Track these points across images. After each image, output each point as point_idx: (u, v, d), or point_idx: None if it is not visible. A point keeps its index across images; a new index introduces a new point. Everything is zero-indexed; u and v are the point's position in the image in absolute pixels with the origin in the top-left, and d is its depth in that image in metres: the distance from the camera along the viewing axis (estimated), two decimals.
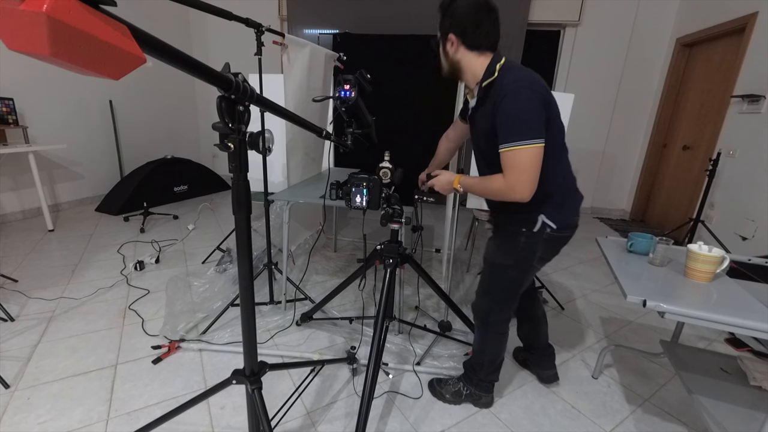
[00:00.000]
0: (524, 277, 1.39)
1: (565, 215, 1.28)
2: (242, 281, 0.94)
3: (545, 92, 1.11)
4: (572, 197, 1.31)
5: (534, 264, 1.35)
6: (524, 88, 1.09)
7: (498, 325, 1.46)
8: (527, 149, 1.07)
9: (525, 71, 1.15)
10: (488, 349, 1.50)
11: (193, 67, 0.64)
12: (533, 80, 1.11)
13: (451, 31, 1.19)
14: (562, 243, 1.34)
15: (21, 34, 0.41)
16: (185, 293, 2.31)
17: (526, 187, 1.10)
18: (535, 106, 1.08)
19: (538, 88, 1.10)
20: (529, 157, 1.08)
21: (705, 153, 3.56)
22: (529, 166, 1.09)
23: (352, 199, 1.38)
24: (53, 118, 3.67)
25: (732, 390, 1.40)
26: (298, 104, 2.24)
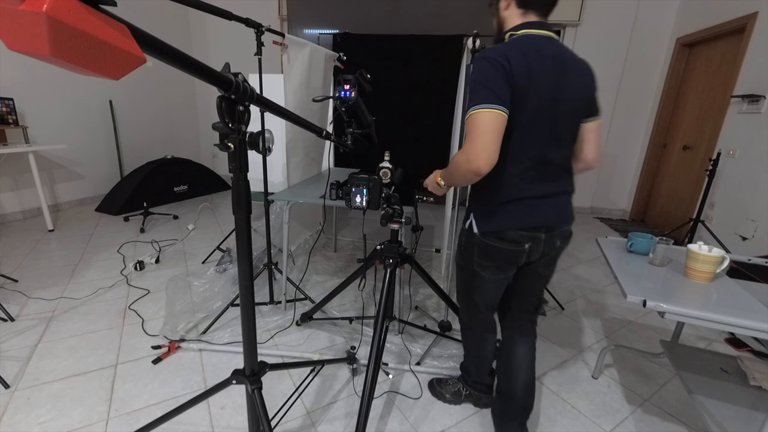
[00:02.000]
0: (472, 283, 1.28)
1: (493, 221, 1.13)
2: (242, 281, 0.94)
3: (509, 59, 0.98)
4: (515, 205, 1.11)
5: (476, 270, 1.22)
6: (482, 57, 1.01)
7: (468, 325, 1.42)
8: (480, 113, 0.96)
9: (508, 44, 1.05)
10: (469, 350, 1.49)
11: (193, 67, 0.64)
12: (499, 51, 1.01)
13: None
14: (498, 254, 1.16)
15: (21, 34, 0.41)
16: (185, 293, 2.31)
17: (478, 154, 0.97)
18: (491, 72, 0.98)
19: (496, 56, 0.99)
20: (482, 121, 0.96)
21: (705, 153, 3.56)
22: (481, 130, 0.97)
23: (352, 199, 1.38)
24: (53, 118, 3.67)
25: (732, 390, 1.40)
26: (298, 104, 2.24)
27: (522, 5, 1.11)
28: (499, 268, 1.20)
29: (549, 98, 1.03)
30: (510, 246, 1.14)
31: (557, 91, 1.04)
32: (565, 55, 1.07)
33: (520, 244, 1.13)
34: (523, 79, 0.99)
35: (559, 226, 1.16)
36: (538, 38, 1.06)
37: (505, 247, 1.14)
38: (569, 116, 1.10)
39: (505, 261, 1.18)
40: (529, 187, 1.10)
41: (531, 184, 1.10)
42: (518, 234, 1.12)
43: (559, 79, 1.04)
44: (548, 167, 1.10)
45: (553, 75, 1.03)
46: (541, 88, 1.02)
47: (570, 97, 1.07)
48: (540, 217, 1.12)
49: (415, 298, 2.41)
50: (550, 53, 1.04)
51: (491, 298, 1.31)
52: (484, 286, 1.27)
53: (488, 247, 1.16)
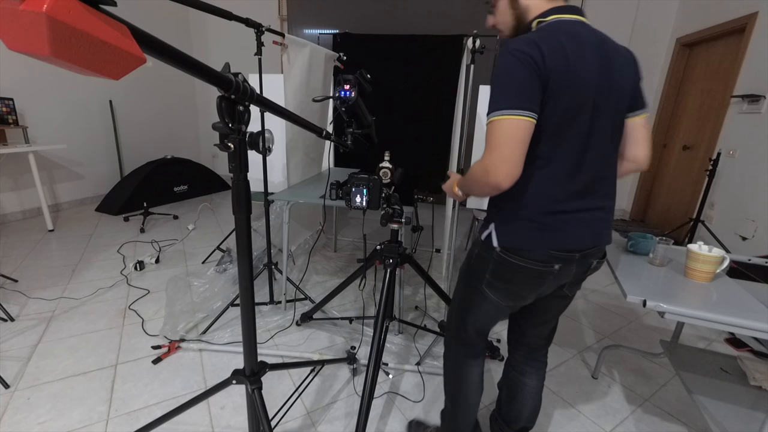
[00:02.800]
0: (470, 301, 1.09)
1: (518, 236, 0.95)
2: (242, 281, 0.94)
3: (544, 53, 0.82)
4: (545, 222, 0.92)
5: (483, 288, 1.03)
6: (509, 52, 0.85)
7: (450, 347, 1.21)
8: (502, 121, 0.82)
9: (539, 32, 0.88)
10: (447, 384, 1.25)
11: (193, 67, 0.64)
12: (528, 40, 0.85)
13: None
14: (523, 277, 0.97)
15: (21, 34, 0.41)
16: (185, 293, 2.31)
17: (497, 166, 0.83)
18: (518, 70, 0.83)
19: (524, 47, 0.83)
20: (504, 129, 0.82)
21: (705, 153, 3.56)
22: (502, 140, 0.83)
23: (352, 199, 1.38)
24: (53, 118, 3.67)
25: (732, 390, 1.40)
26: (298, 104, 2.24)
27: None
28: (510, 293, 1.02)
29: (591, 94, 0.87)
30: (536, 265, 0.95)
31: (601, 86, 0.88)
32: (606, 42, 0.92)
33: (549, 264, 0.95)
34: (559, 73, 0.83)
35: (595, 247, 0.98)
36: (573, 24, 0.90)
37: (529, 266, 0.95)
38: (614, 114, 0.93)
39: (524, 285, 0.99)
40: (563, 201, 0.92)
41: (566, 198, 0.92)
42: (548, 254, 0.94)
43: (602, 72, 0.88)
44: (587, 176, 0.92)
45: (597, 67, 0.87)
46: (582, 83, 0.86)
47: (615, 92, 0.91)
48: (573, 240, 0.95)
49: (415, 298, 2.41)
50: (590, 41, 0.88)
51: (485, 324, 1.13)
52: (483, 307, 1.08)
53: (507, 265, 0.97)
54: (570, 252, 0.95)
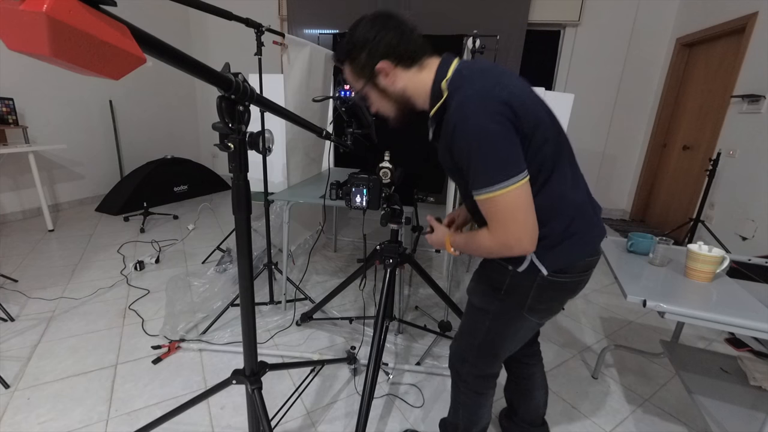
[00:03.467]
0: (507, 331, 1.04)
1: (564, 255, 0.92)
2: (242, 281, 0.94)
3: (509, 103, 0.79)
4: (578, 230, 0.92)
5: (523, 314, 0.99)
6: (472, 115, 0.78)
7: (471, 381, 1.13)
8: (505, 194, 0.78)
9: (478, 80, 0.83)
10: (462, 408, 1.18)
11: (193, 67, 0.64)
12: (485, 94, 0.80)
13: (377, 59, 0.90)
14: (566, 292, 0.98)
15: (21, 34, 0.41)
16: (185, 293, 2.31)
17: (521, 239, 0.82)
18: (496, 133, 0.78)
19: (492, 104, 0.78)
20: (511, 203, 0.79)
21: (705, 153, 3.56)
22: (514, 215, 0.80)
23: (352, 199, 1.38)
24: (53, 118, 3.67)
25: (732, 390, 1.40)
26: (298, 104, 2.24)
27: (412, 60, 0.92)
28: (551, 309, 1.02)
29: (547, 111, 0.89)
30: (581, 276, 0.97)
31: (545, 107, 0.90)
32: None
33: (588, 271, 0.99)
34: (528, 111, 0.81)
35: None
36: (470, 62, 0.91)
37: (573, 280, 0.96)
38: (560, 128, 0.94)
39: (566, 297, 1.01)
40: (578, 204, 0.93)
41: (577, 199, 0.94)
42: (589, 261, 0.97)
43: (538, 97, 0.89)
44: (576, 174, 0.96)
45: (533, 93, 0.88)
46: (534, 102, 0.85)
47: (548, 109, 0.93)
48: (601, 228, 0.98)
49: (415, 298, 2.41)
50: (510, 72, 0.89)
51: (518, 346, 1.10)
52: (521, 333, 1.05)
53: (555, 287, 0.95)
54: (592, 259, 0.98)
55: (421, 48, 0.92)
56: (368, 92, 0.98)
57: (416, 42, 0.92)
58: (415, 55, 0.92)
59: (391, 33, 0.89)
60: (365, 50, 0.91)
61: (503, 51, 4.06)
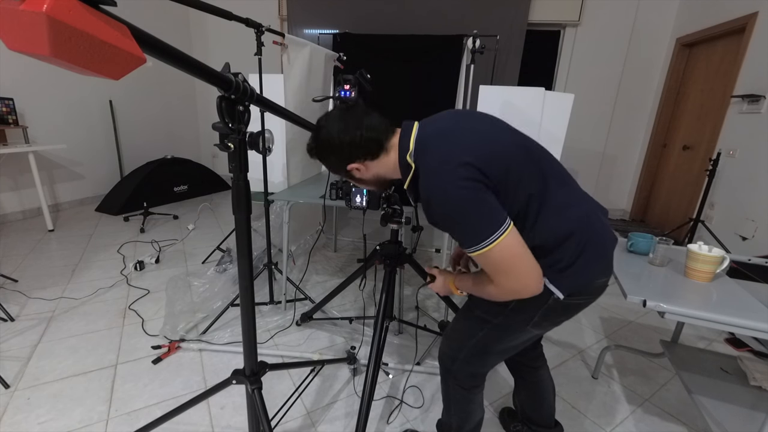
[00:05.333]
0: (507, 339, 1.05)
1: (578, 278, 0.91)
2: (242, 281, 0.94)
3: (473, 164, 0.81)
4: (586, 249, 0.89)
5: (527, 329, 1.00)
6: (440, 188, 0.82)
7: (462, 377, 1.13)
8: (494, 247, 0.80)
9: (438, 148, 0.86)
10: (453, 406, 1.19)
11: (193, 67, 0.64)
12: (448, 162, 0.82)
13: (345, 162, 0.95)
14: (574, 310, 0.98)
15: (21, 34, 0.41)
16: (185, 293, 2.31)
17: (526, 284, 0.84)
18: (468, 200, 0.80)
19: (457, 171, 0.80)
20: (503, 253, 0.81)
21: (705, 153, 3.56)
22: (511, 262, 0.82)
23: (352, 199, 1.38)
24: (53, 118, 3.67)
25: (732, 390, 1.40)
26: (298, 104, 2.24)
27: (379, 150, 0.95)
28: (560, 323, 1.02)
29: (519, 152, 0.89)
30: (589, 298, 0.97)
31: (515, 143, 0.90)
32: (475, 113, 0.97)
33: (603, 290, 0.98)
34: (495, 160, 0.83)
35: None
36: (427, 124, 0.94)
37: (584, 301, 0.96)
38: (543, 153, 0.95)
39: (573, 315, 1.00)
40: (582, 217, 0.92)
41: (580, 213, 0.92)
42: (602, 281, 0.96)
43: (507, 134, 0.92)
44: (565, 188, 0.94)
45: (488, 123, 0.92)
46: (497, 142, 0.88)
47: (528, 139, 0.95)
48: (612, 239, 0.96)
49: (415, 298, 2.41)
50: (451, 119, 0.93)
51: (514, 352, 1.12)
52: (520, 341, 1.06)
53: (565, 307, 0.95)
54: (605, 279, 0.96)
55: (383, 133, 0.95)
56: (348, 179, 1.05)
57: (377, 131, 0.94)
58: (380, 144, 0.95)
59: (352, 133, 0.93)
60: (333, 154, 0.96)
61: (503, 51, 4.06)
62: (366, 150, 0.94)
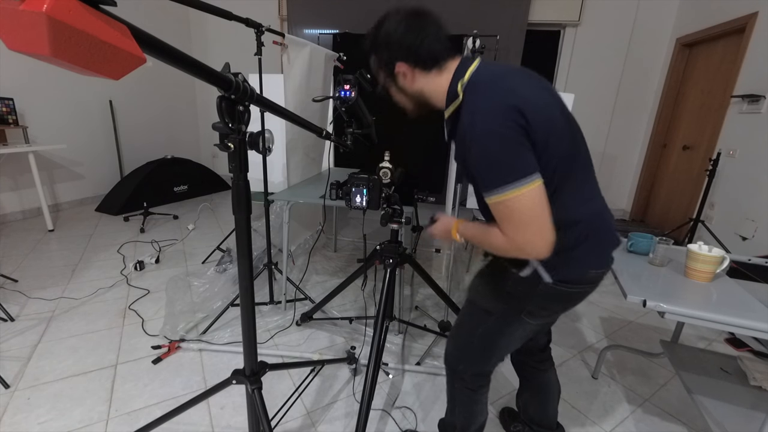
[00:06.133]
0: (506, 332, 1.04)
1: (571, 267, 0.91)
2: (242, 281, 0.94)
3: (521, 110, 0.79)
4: (587, 241, 0.90)
5: (522, 318, 0.99)
6: (483, 122, 0.80)
7: (467, 378, 1.12)
8: (517, 197, 0.78)
9: (493, 87, 0.84)
10: (458, 407, 1.19)
11: (193, 67, 0.64)
12: (498, 101, 0.81)
13: (396, 60, 0.92)
14: (571, 301, 0.98)
15: (21, 34, 0.41)
16: (185, 293, 2.31)
17: (535, 243, 0.80)
18: (506, 138, 0.79)
19: (504, 111, 0.79)
20: (525, 205, 0.78)
21: (705, 153, 3.56)
22: (528, 217, 0.79)
23: (352, 199, 1.38)
24: (53, 118, 3.67)
25: (732, 390, 1.40)
26: (298, 104, 2.24)
27: (432, 64, 0.91)
28: (555, 313, 1.02)
29: (560, 117, 0.86)
30: (582, 288, 0.95)
31: (560, 107, 0.88)
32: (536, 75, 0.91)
33: (597, 282, 0.97)
34: (542, 120, 0.81)
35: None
36: (491, 65, 0.89)
37: (576, 290, 0.95)
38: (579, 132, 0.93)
39: (569, 306, 1.00)
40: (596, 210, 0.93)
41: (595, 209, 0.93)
42: (596, 273, 0.95)
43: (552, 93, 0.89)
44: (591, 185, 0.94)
45: (548, 92, 0.87)
46: (550, 111, 0.84)
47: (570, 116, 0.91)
48: (616, 241, 0.96)
49: (415, 298, 2.41)
50: (524, 72, 0.88)
51: (515, 348, 1.11)
52: (518, 334, 1.04)
53: (558, 296, 0.94)
54: (600, 271, 0.96)
55: (444, 51, 0.92)
56: (388, 86, 1.01)
57: (440, 45, 0.91)
58: (436, 59, 0.92)
59: (415, 35, 0.89)
60: (387, 49, 0.93)
61: (503, 51, 4.05)
62: (422, 58, 0.91)
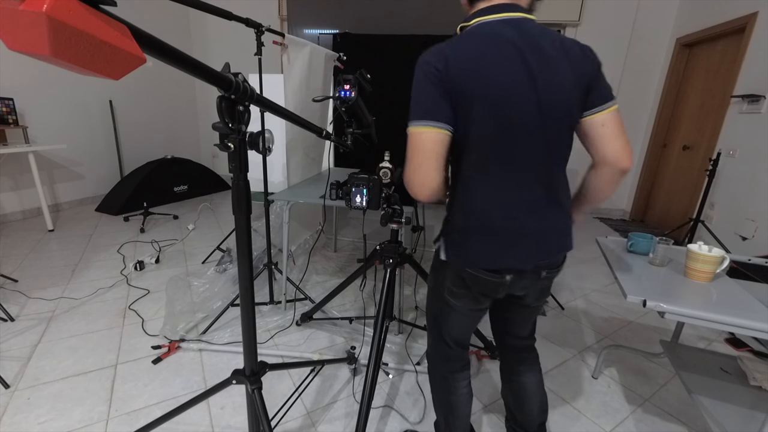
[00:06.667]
0: (442, 312, 1.07)
1: (463, 252, 0.93)
2: (242, 281, 0.94)
3: (449, 63, 0.81)
4: (478, 236, 0.91)
5: (446, 297, 1.02)
6: (417, 65, 0.86)
7: (436, 363, 1.17)
8: (413, 133, 0.86)
9: (455, 39, 0.86)
10: (436, 398, 1.22)
11: (193, 67, 0.64)
12: (436, 51, 0.84)
13: None
14: (474, 284, 0.96)
15: (21, 34, 0.41)
16: (185, 293, 2.31)
17: (410, 179, 0.87)
18: (423, 83, 0.84)
19: (430, 59, 0.83)
20: (414, 144, 0.86)
21: (705, 153, 3.56)
22: (413, 153, 0.86)
23: (352, 199, 1.38)
24: (53, 118, 3.67)
25: (732, 390, 1.40)
26: (298, 104, 2.24)
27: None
28: (474, 299, 1.00)
29: (518, 101, 0.82)
30: (487, 276, 0.93)
31: (530, 90, 0.82)
32: (536, 38, 0.83)
33: (500, 275, 0.93)
34: (470, 83, 0.80)
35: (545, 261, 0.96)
36: (497, 24, 0.84)
37: (481, 276, 0.94)
38: (554, 120, 0.85)
39: (482, 292, 0.98)
40: (505, 216, 0.89)
41: (507, 212, 0.89)
42: (498, 275, 0.93)
43: (531, 74, 0.81)
44: (528, 191, 0.89)
45: (522, 70, 0.81)
46: (504, 90, 0.81)
47: (552, 95, 0.83)
48: (518, 258, 0.92)
49: (415, 298, 2.41)
50: (512, 42, 0.81)
51: (461, 333, 1.11)
52: (453, 317, 1.07)
53: (463, 273, 0.96)
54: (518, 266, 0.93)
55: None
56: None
57: None
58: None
59: None
60: None
61: None
62: None
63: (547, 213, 0.92)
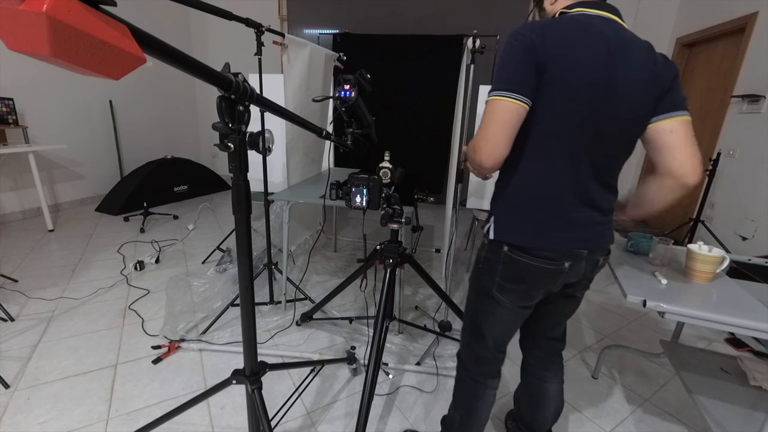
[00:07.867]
0: (483, 309, 1.05)
1: (523, 231, 0.92)
2: (242, 281, 0.94)
3: (545, 37, 0.81)
4: (550, 216, 0.91)
5: (494, 294, 1.00)
6: (511, 35, 0.85)
7: (469, 365, 1.14)
8: (492, 102, 0.84)
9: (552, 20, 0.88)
10: (461, 396, 1.18)
11: (193, 67, 0.64)
12: (535, 25, 0.85)
13: None
14: (534, 277, 0.94)
15: (21, 34, 0.41)
16: (185, 293, 2.31)
17: (481, 147, 0.86)
18: (512, 51, 0.83)
19: (527, 31, 0.83)
20: (492, 111, 0.84)
21: (705, 153, 3.55)
22: (488, 121, 0.85)
23: (352, 199, 1.38)
24: (53, 118, 3.67)
25: (732, 390, 1.40)
26: (298, 104, 2.24)
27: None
28: (524, 293, 0.98)
29: (595, 90, 0.83)
30: (545, 264, 0.92)
31: (609, 84, 0.83)
32: (626, 39, 0.85)
33: (558, 262, 0.92)
34: (558, 61, 0.81)
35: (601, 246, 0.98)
36: (594, 18, 0.86)
37: (538, 264, 0.92)
38: (624, 121, 0.87)
39: (537, 284, 0.96)
40: (567, 199, 0.90)
41: (569, 195, 0.90)
42: (551, 255, 0.92)
43: (613, 69, 0.83)
44: (587, 179, 0.90)
45: (606, 63, 0.82)
46: (585, 76, 0.82)
47: (628, 95, 0.85)
48: (579, 240, 0.93)
49: (415, 298, 2.41)
50: (606, 36, 0.83)
51: (504, 333, 1.08)
52: (498, 314, 1.03)
53: (517, 264, 0.93)
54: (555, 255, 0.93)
55: None
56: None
57: None
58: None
59: None
60: None
61: None
62: None
63: (601, 203, 0.94)
